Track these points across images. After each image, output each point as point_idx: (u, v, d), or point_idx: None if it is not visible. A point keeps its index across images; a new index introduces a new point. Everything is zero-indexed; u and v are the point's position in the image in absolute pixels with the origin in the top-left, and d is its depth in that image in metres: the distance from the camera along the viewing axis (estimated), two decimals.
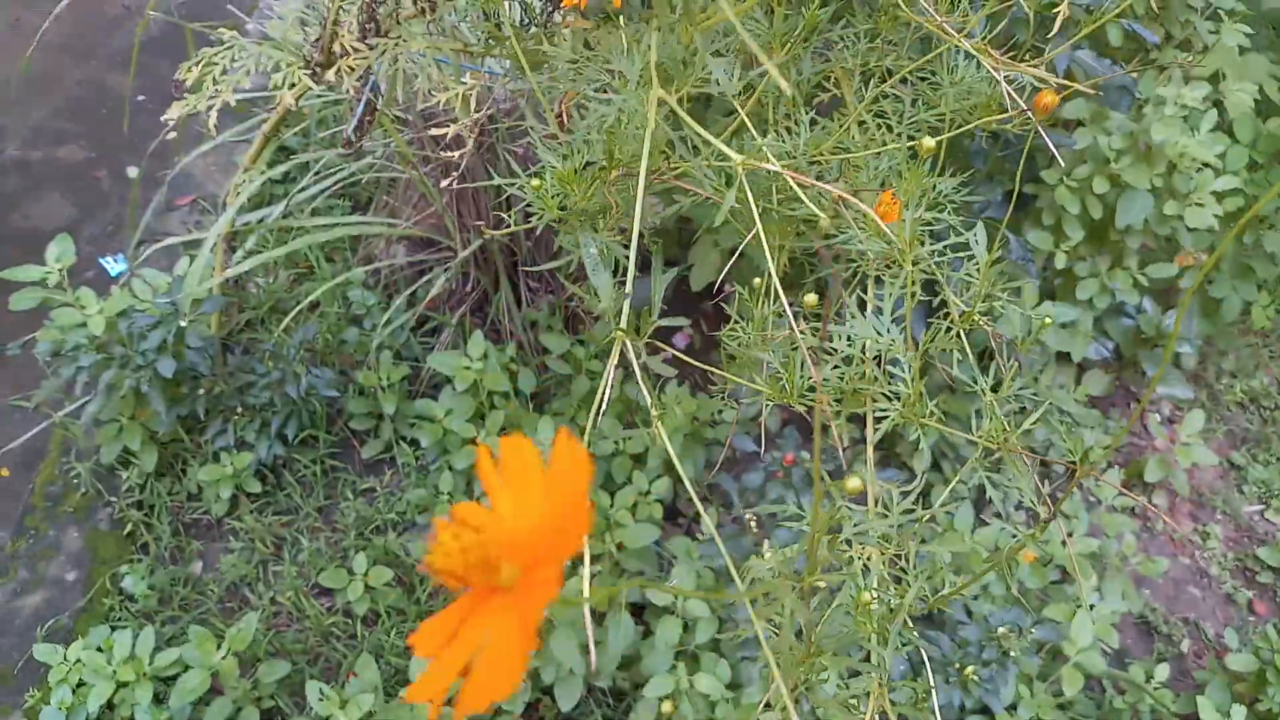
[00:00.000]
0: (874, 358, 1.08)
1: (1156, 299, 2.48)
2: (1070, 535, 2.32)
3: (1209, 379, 2.88)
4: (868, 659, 1.00)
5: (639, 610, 2.04)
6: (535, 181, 0.94)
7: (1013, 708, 2.03)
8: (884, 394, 1.08)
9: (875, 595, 0.96)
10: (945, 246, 1.17)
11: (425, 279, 2.44)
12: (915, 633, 1.06)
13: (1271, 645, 2.10)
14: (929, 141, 0.83)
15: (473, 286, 2.43)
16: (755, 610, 0.77)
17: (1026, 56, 1.22)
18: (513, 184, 1.04)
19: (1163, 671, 2.14)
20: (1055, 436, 2.39)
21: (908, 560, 1.03)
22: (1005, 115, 1.09)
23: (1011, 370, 1.15)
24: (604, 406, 0.78)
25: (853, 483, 0.70)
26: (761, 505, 1.12)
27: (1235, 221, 2.31)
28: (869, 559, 1.02)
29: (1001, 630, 1.96)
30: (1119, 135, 2.11)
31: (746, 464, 2.31)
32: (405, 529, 2.29)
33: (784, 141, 1.18)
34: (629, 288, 0.76)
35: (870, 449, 1.12)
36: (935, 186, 1.23)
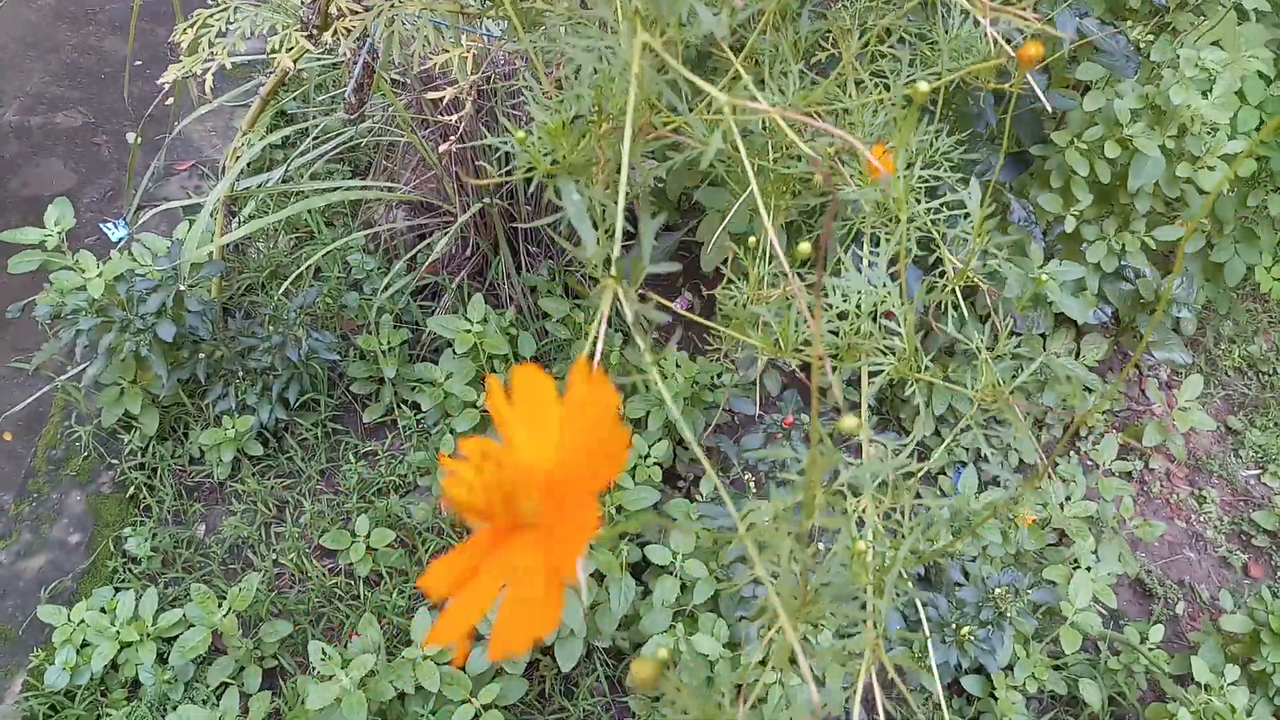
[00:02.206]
0: (869, 313, 1.08)
1: (1156, 263, 2.47)
2: (1068, 499, 2.33)
3: (1207, 344, 2.88)
4: (864, 610, 1.00)
5: (639, 571, 2.05)
6: (521, 134, 0.93)
7: (1009, 668, 2.05)
8: (879, 349, 1.08)
9: (870, 546, 0.97)
10: (941, 204, 1.18)
11: (425, 243, 2.44)
12: (910, 584, 1.07)
13: (1266, 607, 2.12)
14: (923, 86, 0.83)
15: (472, 251, 2.43)
16: (756, 556, 0.77)
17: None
18: (504, 142, 1.04)
19: (1158, 633, 2.16)
20: (1053, 395, 2.40)
21: (903, 514, 1.04)
22: (990, 62, 1.08)
23: (1007, 328, 1.16)
24: (598, 355, 0.78)
25: (849, 422, 0.70)
26: (761, 452, 1.12)
27: (1246, 184, 2.31)
28: (864, 511, 1.03)
29: (999, 591, 1.98)
30: (1133, 96, 2.11)
31: (745, 427, 2.32)
32: (407, 491, 2.30)
33: (775, 95, 1.18)
34: (616, 250, 0.76)
35: (864, 404, 1.12)
36: (932, 145, 1.23)
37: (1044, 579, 2.16)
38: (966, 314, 1.34)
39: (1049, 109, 1.29)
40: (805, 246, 0.94)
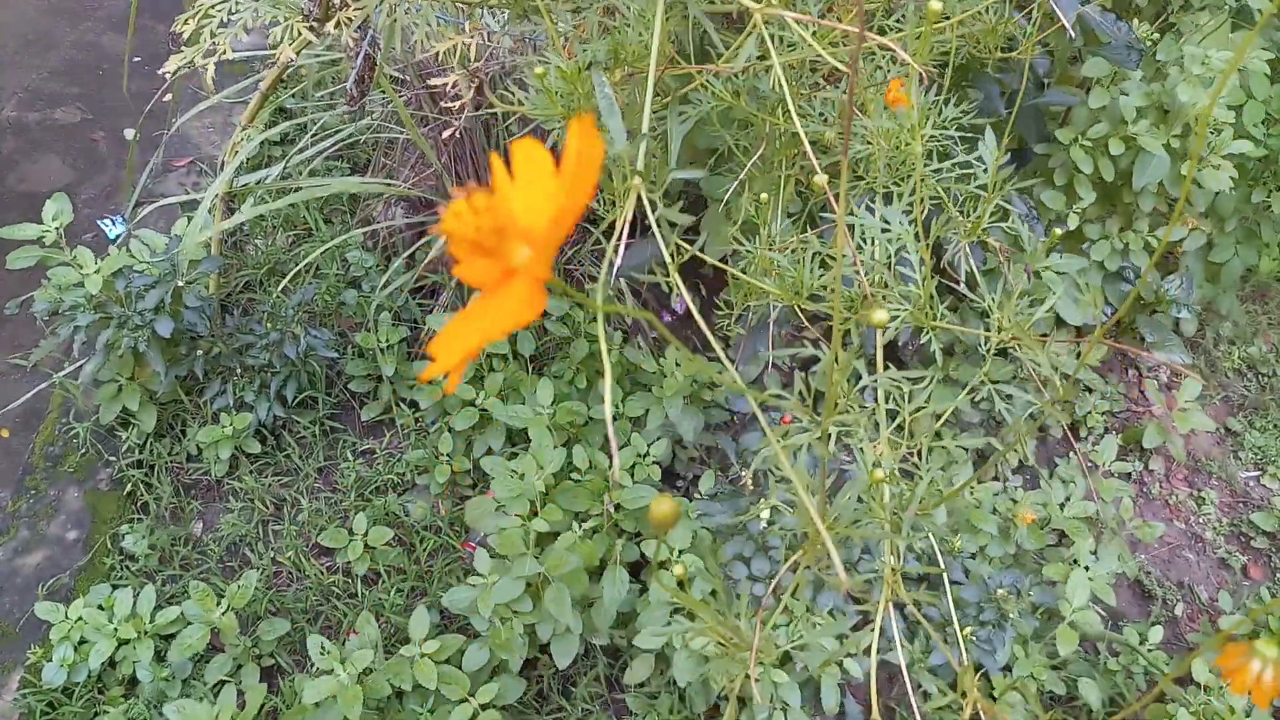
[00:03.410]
0: (885, 261, 1.08)
1: (1156, 264, 2.47)
2: (1068, 499, 2.33)
3: (1207, 345, 2.88)
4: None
5: (636, 568, 2.05)
6: (540, 70, 0.93)
7: (1008, 668, 2.05)
8: (898, 296, 1.08)
9: (887, 481, 0.96)
10: (953, 164, 1.17)
11: (424, 240, 2.43)
12: (930, 526, 1.06)
13: (1265, 607, 2.11)
14: (935, 4, 0.83)
15: None
16: (786, 464, 0.77)
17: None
18: (516, 106, 1.03)
19: (1157, 634, 2.15)
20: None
21: (920, 456, 1.03)
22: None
23: (1019, 277, 1.15)
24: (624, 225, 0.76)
25: (878, 315, 0.69)
26: (764, 399, 1.12)
27: (1247, 183, 2.30)
28: (880, 455, 1.03)
29: (1000, 592, 1.97)
30: (1138, 94, 2.10)
31: (745, 426, 2.32)
32: (405, 490, 2.29)
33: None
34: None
35: (880, 352, 1.12)
36: (940, 112, 1.23)
37: (1043, 579, 2.16)
38: (974, 265, 1.33)
39: (1071, 34, 1.29)
40: (820, 179, 0.93)
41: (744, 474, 2.04)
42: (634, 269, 2.24)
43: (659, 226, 0.74)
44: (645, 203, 0.74)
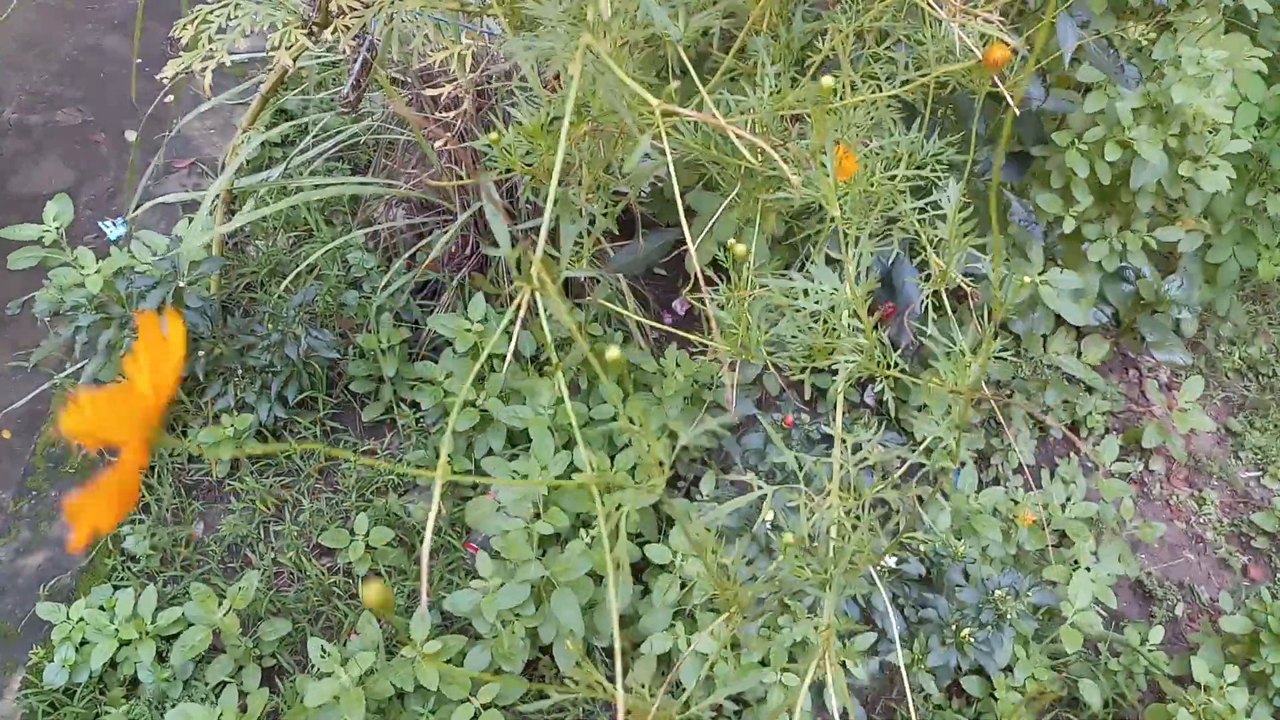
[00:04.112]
0: (842, 311, 1.08)
1: (1156, 264, 2.47)
2: (1068, 500, 2.33)
3: (1207, 346, 2.88)
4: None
5: (638, 570, 2.05)
6: (494, 136, 0.94)
7: (1008, 669, 2.05)
8: (851, 346, 1.08)
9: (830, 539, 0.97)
10: (927, 204, 1.18)
11: (424, 242, 2.43)
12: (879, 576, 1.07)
13: (1266, 608, 2.12)
14: (827, 81, 0.84)
15: (472, 250, 2.43)
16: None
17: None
18: (487, 146, 1.04)
19: (1157, 634, 2.15)
20: (1054, 395, 2.39)
21: (863, 509, 1.04)
22: (959, 66, 1.10)
23: (991, 329, 1.15)
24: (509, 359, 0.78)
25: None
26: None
27: (1244, 184, 2.31)
28: (828, 508, 1.04)
29: (999, 593, 1.97)
30: (1134, 95, 2.10)
31: (747, 427, 2.32)
32: (406, 490, 2.30)
33: (750, 97, 1.19)
34: (539, 251, 0.76)
35: (840, 398, 1.13)
36: (923, 147, 1.23)
37: (1044, 580, 2.16)
38: (955, 316, 1.34)
39: (1016, 111, 1.30)
40: (740, 248, 0.95)
41: (747, 474, 2.04)
42: (626, 267, 2.25)
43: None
44: (538, 299, 0.75)
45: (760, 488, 1.08)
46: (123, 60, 3.18)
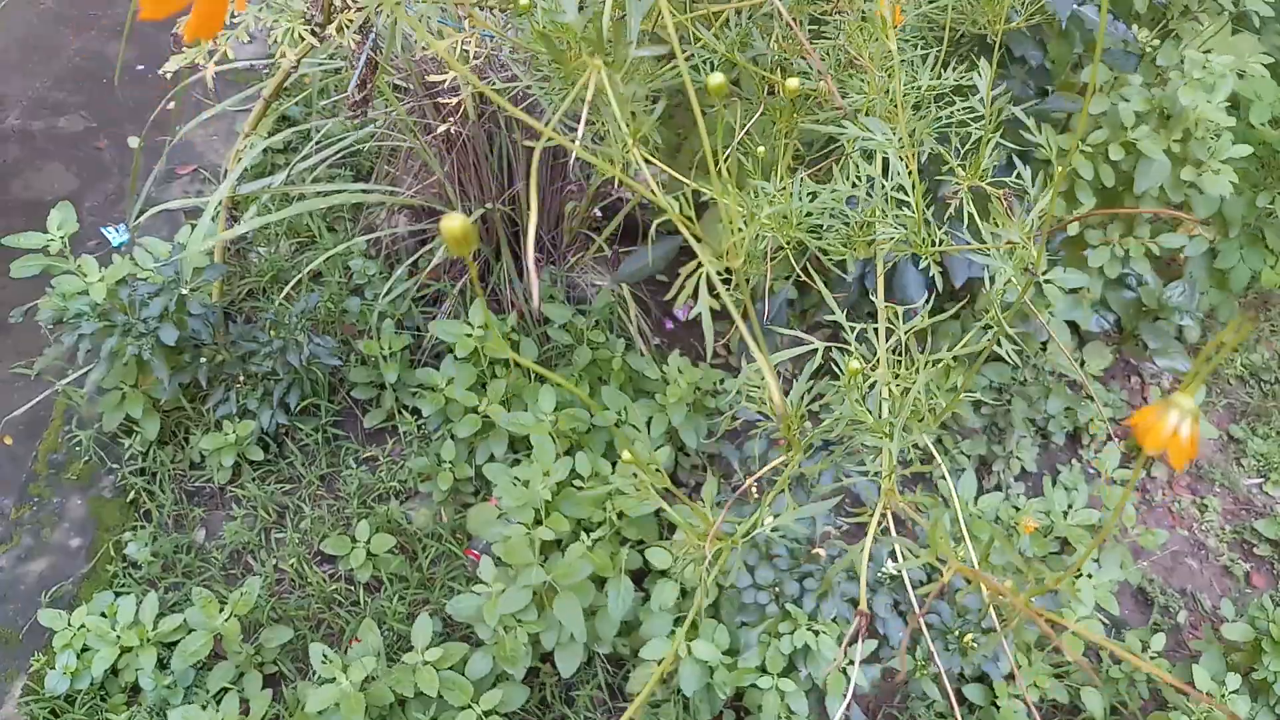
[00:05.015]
0: (881, 195, 1.09)
1: (1159, 271, 2.47)
2: (1070, 507, 2.33)
3: (1210, 352, 2.88)
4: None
5: (639, 577, 2.05)
6: (525, 2, 0.94)
7: (1010, 676, 2.05)
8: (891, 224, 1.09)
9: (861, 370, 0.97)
10: (952, 111, 1.18)
11: (426, 248, 2.44)
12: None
13: (1268, 615, 2.11)
14: (793, 82, 0.86)
15: (474, 256, 2.43)
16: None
17: None
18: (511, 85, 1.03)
19: (1159, 641, 2.15)
20: (1057, 402, 2.39)
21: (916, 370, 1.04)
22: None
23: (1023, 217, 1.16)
24: None
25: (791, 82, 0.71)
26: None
27: (1250, 188, 2.30)
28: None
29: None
30: (1138, 99, 2.10)
31: (748, 433, 2.32)
32: (407, 497, 2.30)
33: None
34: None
35: (880, 276, 1.12)
36: (946, 66, 1.24)
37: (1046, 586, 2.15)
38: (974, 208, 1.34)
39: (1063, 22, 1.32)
40: (793, 82, 0.94)
41: (747, 481, 2.03)
42: (633, 276, 2.25)
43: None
44: (604, 81, 0.74)
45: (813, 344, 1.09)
46: (126, 66, 3.18)
